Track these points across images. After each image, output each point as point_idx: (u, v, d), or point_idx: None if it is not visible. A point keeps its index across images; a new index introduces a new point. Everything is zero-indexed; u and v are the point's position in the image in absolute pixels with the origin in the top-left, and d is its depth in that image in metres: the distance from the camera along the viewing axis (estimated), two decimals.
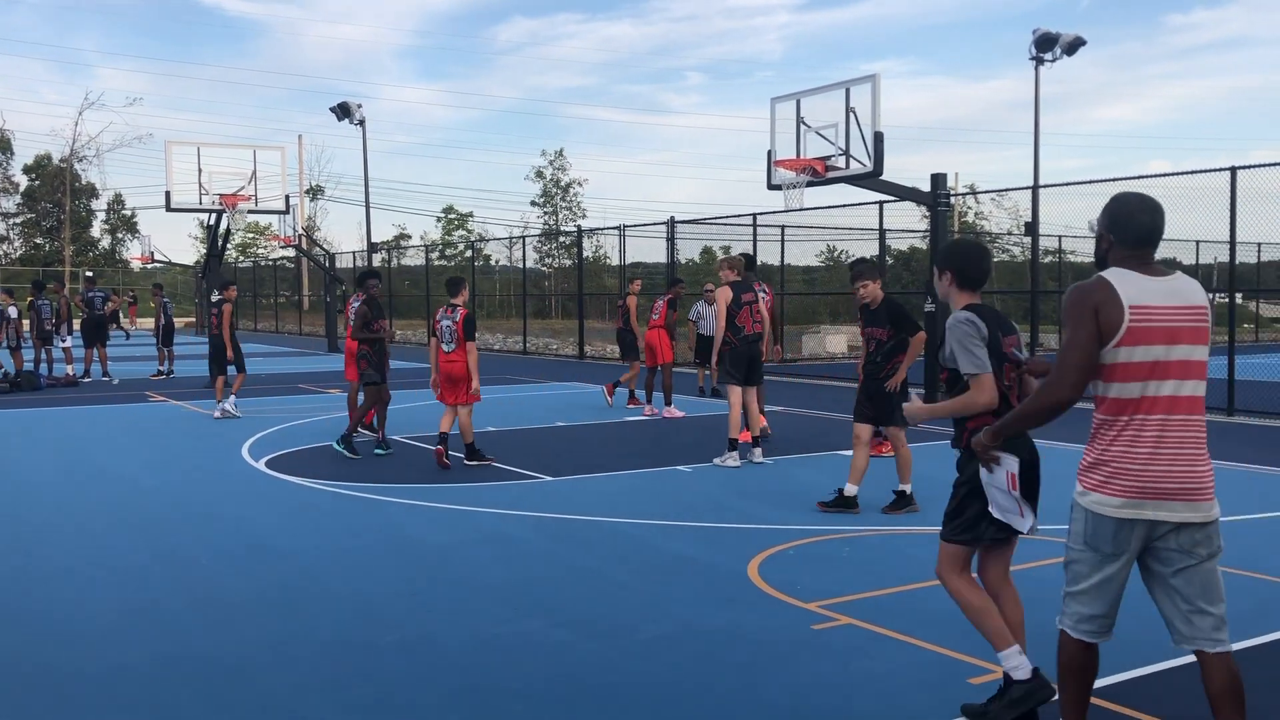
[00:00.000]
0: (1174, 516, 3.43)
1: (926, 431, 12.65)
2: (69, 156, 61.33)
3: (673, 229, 24.61)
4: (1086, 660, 3.66)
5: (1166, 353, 3.43)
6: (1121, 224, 3.52)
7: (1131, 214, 3.51)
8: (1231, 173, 14.11)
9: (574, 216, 63.51)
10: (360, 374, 11.51)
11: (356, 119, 30.03)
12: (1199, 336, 3.47)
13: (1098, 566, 3.55)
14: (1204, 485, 3.45)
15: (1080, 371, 3.48)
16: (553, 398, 17.42)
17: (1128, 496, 3.44)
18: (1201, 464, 3.46)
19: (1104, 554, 3.53)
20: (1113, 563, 3.53)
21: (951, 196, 15.22)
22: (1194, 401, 3.48)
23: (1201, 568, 3.48)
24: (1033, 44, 24.38)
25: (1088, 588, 3.58)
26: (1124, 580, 3.58)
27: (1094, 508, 3.53)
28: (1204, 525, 3.45)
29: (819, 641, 5.23)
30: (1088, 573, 3.58)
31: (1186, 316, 3.46)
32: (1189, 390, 3.46)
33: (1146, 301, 3.43)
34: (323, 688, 4.69)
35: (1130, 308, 3.41)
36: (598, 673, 4.85)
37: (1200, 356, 3.48)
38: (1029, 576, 6.39)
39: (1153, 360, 3.42)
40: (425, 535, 7.58)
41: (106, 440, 12.58)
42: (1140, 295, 3.43)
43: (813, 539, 7.36)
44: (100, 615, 5.78)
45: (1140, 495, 3.43)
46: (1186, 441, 3.44)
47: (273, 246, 52.39)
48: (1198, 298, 3.50)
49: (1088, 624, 3.62)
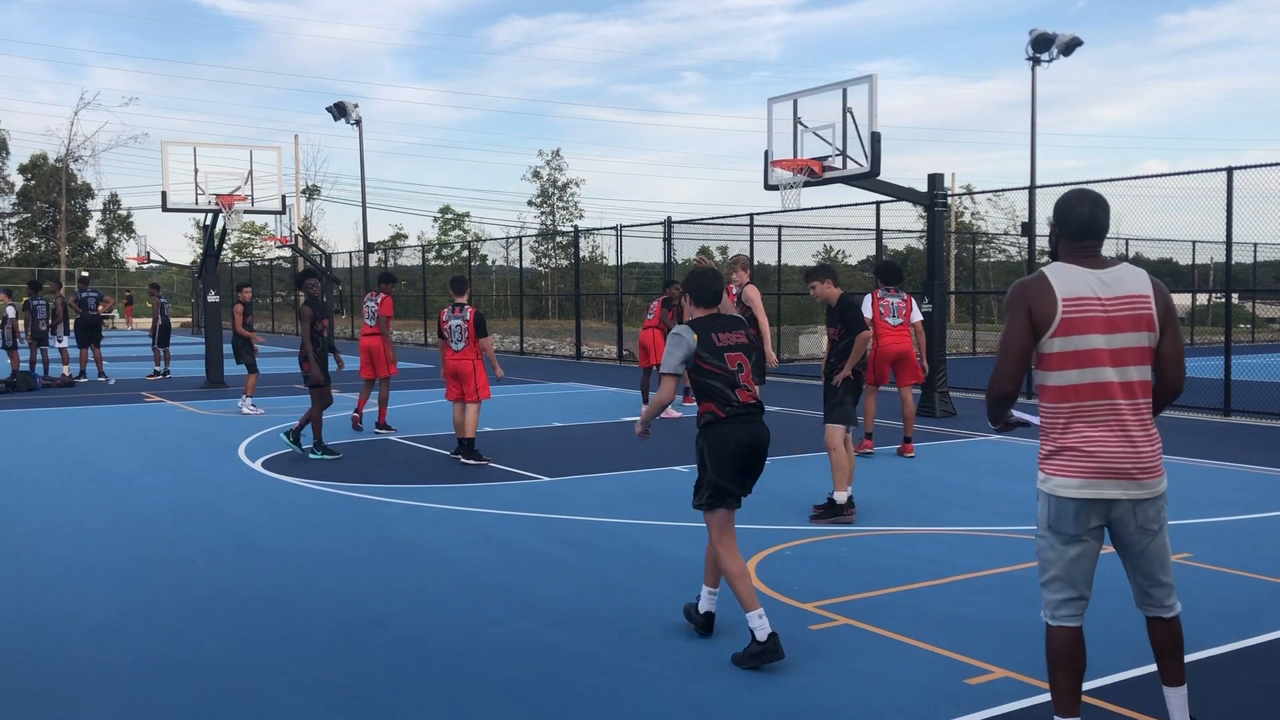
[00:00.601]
0: (1129, 494, 3.62)
1: (928, 432, 12.65)
2: (65, 156, 61.25)
3: (670, 229, 24.60)
4: (1072, 649, 3.72)
5: (1108, 341, 3.61)
6: (1063, 216, 3.72)
7: (1072, 206, 3.71)
8: (1228, 173, 14.12)
9: (571, 217, 63.51)
10: (304, 376, 11.17)
11: (353, 119, 30.00)
12: (1140, 324, 3.64)
13: (1063, 550, 3.69)
14: (1154, 463, 3.65)
15: (1014, 363, 3.69)
16: (549, 398, 17.41)
17: (1085, 477, 3.62)
18: (1150, 444, 3.65)
19: (1066, 535, 3.68)
20: (1076, 544, 3.68)
21: (948, 197, 15.21)
22: (1140, 386, 3.66)
23: (1157, 541, 3.71)
24: (1029, 44, 24.40)
25: (1057, 573, 3.71)
26: (1091, 561, 3.71)
27: (1055, 491, 3.67)
28: (1154, 500, 3.67)
29: (817, 642, 5.22)
30: (1054, 558, 3.72)
31: (1125, 305, 3.63)
32: (1134, 375, 3.65)
33: (1081, 293, 3.62)
34: (318, 687, 4.68)
35: (1064, 300, 3.61)
36: (593, 673, 4.84)
37: (1143, 343, 3.65)
38: (1027, 576, 6.39)
39: (1091, 348, 3.61)
40: (421, 536, 7.57)
41: (102, 440, 12.55)
42: (1074, 287, 3.63)
43: (810, 539, 7.35)
44: (95, 615, 5.76)
45: (1097, 475, 3.61)
46: (1133, 423, 3.63)
47: (269, 246, 52.32)
48: (1138, 286, 3.67)
49: (1063, 609, 3.72)
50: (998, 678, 4.68)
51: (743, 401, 5.08)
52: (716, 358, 5.06)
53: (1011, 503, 8.51)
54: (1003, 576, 6.36)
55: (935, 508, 8.41)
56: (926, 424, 13.50)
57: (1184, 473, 9.65)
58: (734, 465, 5.06)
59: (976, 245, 42.33)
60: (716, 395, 5.05)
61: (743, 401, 5.08)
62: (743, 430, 5.06)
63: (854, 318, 8.21)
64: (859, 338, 8.12)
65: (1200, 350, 24.96)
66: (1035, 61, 24.54)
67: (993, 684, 4.61)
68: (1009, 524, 7.74)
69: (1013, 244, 45.19)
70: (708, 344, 5.06)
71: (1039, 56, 24.50)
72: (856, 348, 8.12)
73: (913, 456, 10.85)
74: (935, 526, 7.76)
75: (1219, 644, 5.02)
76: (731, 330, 5.16)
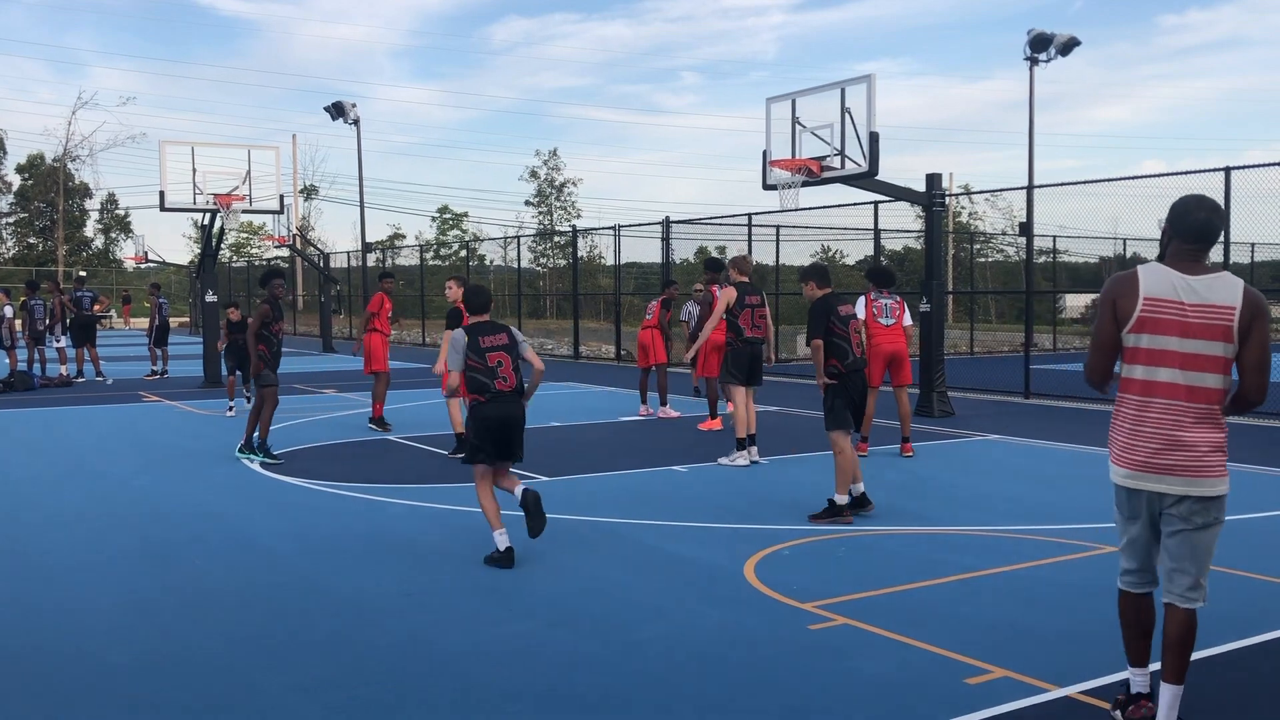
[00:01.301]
0: (1173, 490, 3.85)
1: (926, 432, 12.66)
2: (62, 156, 61.18)
3: (668, 229, 24.59)
4: (1137, 611, 4.09)
5: (1180, 344, 3.80)
6: (1179, 219, 3.89)
7: (1189, 210, 3.88)
8: (1226, 173, 14.13)
9: (569, 216, 63.51)
10: (257, 376, 10.94)
11: (351, 118, 30.01)
12: (1216, 333, 3.79)
13: (1125, 527, 4.05)
14: (1204, 465, 3.82)
15: (1103, 355, 3.96)
16: (548, 398, 17.40)
17: (1131, 469, 3.91)
18: (1203, 445, 3.82)
19: (1124, 516, 4.04)
20: (1132, 524, 4.01)
21: (946, 197, 15.22)
22: (1208, 392, 3.82)
23: (1193, 534, 3.88)
24: (1027, 44, 24.44)
25: (1123, 545, 4.10)
26: (1147, 541, 4.01)
27: (1111, 476, 4.03)
28: (1203, 500, 3.85)
29: (815, 642, 5.21)
30: (1121, 532, 4.10)
31: (1207, 313, 3.79)
32: (1201, 381, 3.81)
33: (1164, 295, 3.81)
34: (317, 687, 4.67)
35: (1145, 298, 3.82)
36: (593, 673, 4.83)
37: (1217, 352, 3.80)
38: (1026, 576, 6.39)
39: (1161, 349, 3.81)
40: (421, 535, 7.56)
41: (100, 440, 12.54)
42: (1160, 288, 3.82)
43: (809, 539, 7.34)
44: (93, 614, 5.75)
45: (1141, 469, 3.88)
46: (1192, 426, 3.82)
47: (267, 246, 52.29)
48: (1227, 297, 3.80)
49: (1125, 577, 4.12)
50: (997, 677, 4.68)
51: (498, 389, 6.64)
52: (480, 357, 6.63)
53: (1010, 502, 8.51)
54: (1002, 576, 6.35)
55: (934, 507, 8.41)
56: (925, 424, 13.50)
57: None
58: (490, 435, 6.65)
59: (974, 245, 42.34)
60: (481, 386, 6.63)
61: (498, 389, 6.64)
62: (498, 410, 6.65)
63: (811, 323, 8.10)
64: (811, 346, 8.08)
65: None
66: (1033, 61, 24.57)
67: (992, 684, 4.61)
68: (1008, 524, 7.74)
69: (1010, 244, 45.21)
70: (475, 346, 6.66)
71: (1037, 56, 24.54)
72: (812, 356, 8.10)
73: (911, 456, 10.85)
74: (934, 526, 7.76)
75: (1218, 644, 5.01)
76: (494, 334, 6.73)
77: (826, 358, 8.06)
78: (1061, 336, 33.55)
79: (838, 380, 8.04)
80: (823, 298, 8.22)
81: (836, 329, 8.09)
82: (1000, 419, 14.08)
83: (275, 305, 11.00)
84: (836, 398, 8.05)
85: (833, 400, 8.06)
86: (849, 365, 8.07)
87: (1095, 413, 14.68)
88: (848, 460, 7.94)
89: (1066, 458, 10.92)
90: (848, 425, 8.05)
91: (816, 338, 8.07)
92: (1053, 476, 9.77)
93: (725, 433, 12.61)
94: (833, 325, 8.09)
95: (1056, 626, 5.41)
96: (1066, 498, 8.65)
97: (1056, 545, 7.09)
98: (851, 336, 8.14)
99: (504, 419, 6.64)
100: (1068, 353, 30.25)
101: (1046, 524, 7.74)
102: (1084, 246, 34.52)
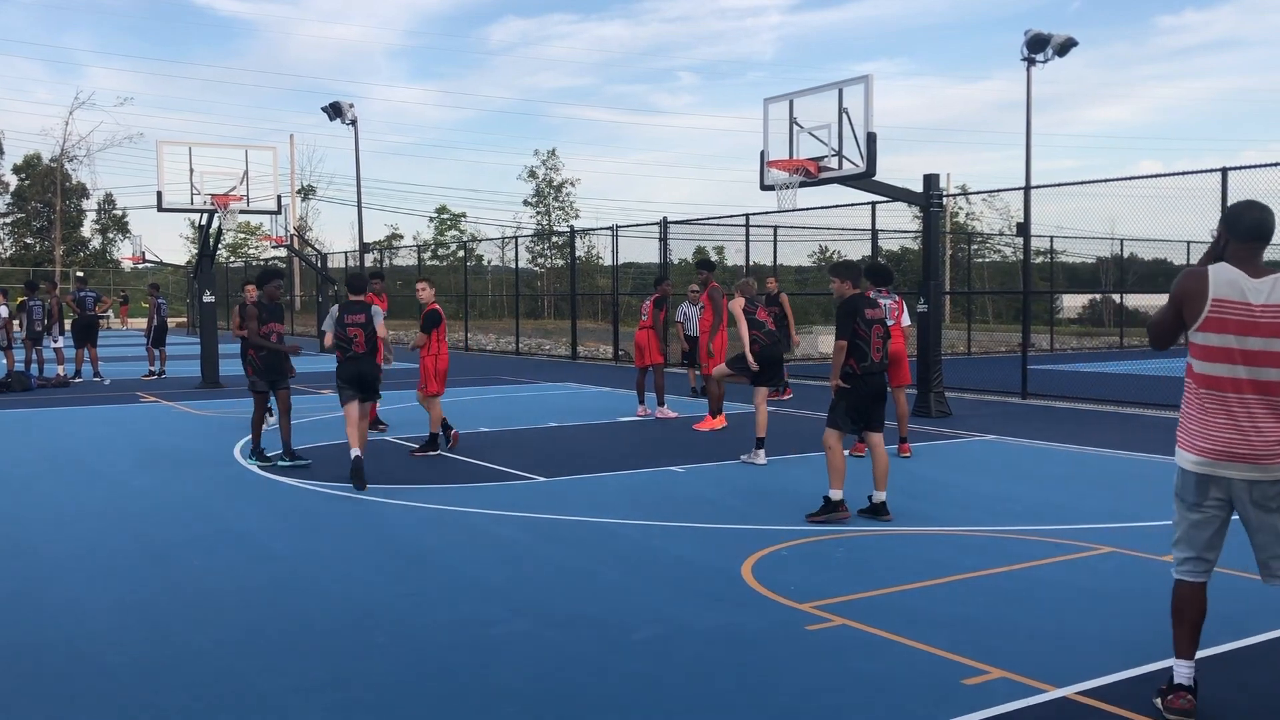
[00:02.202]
0: (1244, 475, 4.08)
1: (923, 432, 12.66)
2: (59, 156, 61.11)
3: (665, 229, 24.59)
4: (1189, 601, 4.22)
5: (1240, 342, 4.04)
6: (1235, 220, 4.13)
7: (1243, 212, 4.14)
8: (1223, 173, 14.15)
9: (566, 216, 63.45)
10: (248, 381, 10.85)
11: (348, 119, 30.00)
12: (1277, 331, 4.03)
13: (1186, 515, 4.21)
14: (1273, 451, 4.05)
15: (1159, 339, 4.27)
16: (545, 398, 17.40)
17: (1203, 456, 4.12)
18: (1271, 434, 4.05)
19: (1188, 503, 4.20)
20: (1196, 512, 4.18)
21: (944, 197, 15.23)
22: (1269, 385, 4.06)
23: (1274, 518, 4.11)
24: (1025, 45, 24.44)
25: (1181, 535, 4.24)
26: (1213, 530, 4.18)
27: (1180, 463, 4.21)
28: (1275, 482, 4.09)
29: (813, 642, 5.22)
30: (1179, 520, 4.25)
31: (1268, 313, 4.03)
32: (1262, 375, 4.05)
33: (1231, 296, 4.04)
34: (314, 688, 4.67)
35: (1213, 299, 4.05)
36: (590, 673, 4.84)
37: (1276, 348, 4.03)
38: (1023, 576, 6.39)
39: (1228, 347, 4.05)
40: (416, 536, 7.56)
41: (97, 441, 12.52)
42: (1228, 290, 4.04)
43: (807, 539, 7.35)
44: (91, 615, 5.75)
45: (1213, 456, 4.10)
46: (1261, 416, 4.06)
47: (264, 247, 52.28)
48: None
49: (1184, 565, 4.25)
50: (994, 678, 4.68)
51: (354, 351, 9.37)
52: (342, 327, 9.40)
53: (1008, 503, 8.51)
54: (999, 576, 6.36)
55: (931, 508, 8.41)
56: (922, 424, 13.51)
57: None
58: (349, 382, 9.40)
59: (972, 245, 42.37)
60: (341, 348, 9.41)
61: (354, 351, 9.37)
62: (353, 366, 9.41)
63: (840, 324, 7.99)
64: (835, 346, 8.01)
65: None
66: (1031, 62, 24.58)
67: (989, 684, 4.61)
68: (1005, 524, 7.74)
69: (1008, 244, 45.22)
70: (340, 320, 9.42)
71: (1034, 57, 24.55)
72: (833, 356, 8.03)
73: (908, 456, 10.85)
74: (931, 527, 7.76)
75: (1217, 644, 5.02)
76: (356, 314, 9.42)
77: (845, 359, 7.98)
78: (1059, 337, 33.58)
79: (850, 383, 7.95)
80: (851, 298, 8.09)
81: (860, 331, 7.94)
82: (997, 419, 14.09)
83: (271, 308, 10.75)
84: (843, 400, 8.01)
85: (836, 401, 8.04)
86: (865, 369, 7.93)
87: (1092, 413, 14.70)
88: (837, 457, 7.92)
89: (1063, 458, 10.92)
90: (844, 429, 8.01)
91: (843, 338, 7.93)
92: (1050, 477, 9.77)
93: (723, 432, 12.62)
94: (857, 327, 7.95)
95: (1054, 627, 5.41)
96: (1064, 498, 8.66)
97: (1053, 546, 7.10)
98: (873, 340, 7.98)
99: (357, 372, 9.38)
100: (1065, 353, 30.27)
101: (1043, 524, 7.74)
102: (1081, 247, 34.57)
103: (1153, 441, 11.74)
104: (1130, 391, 16.01)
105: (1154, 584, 6.15)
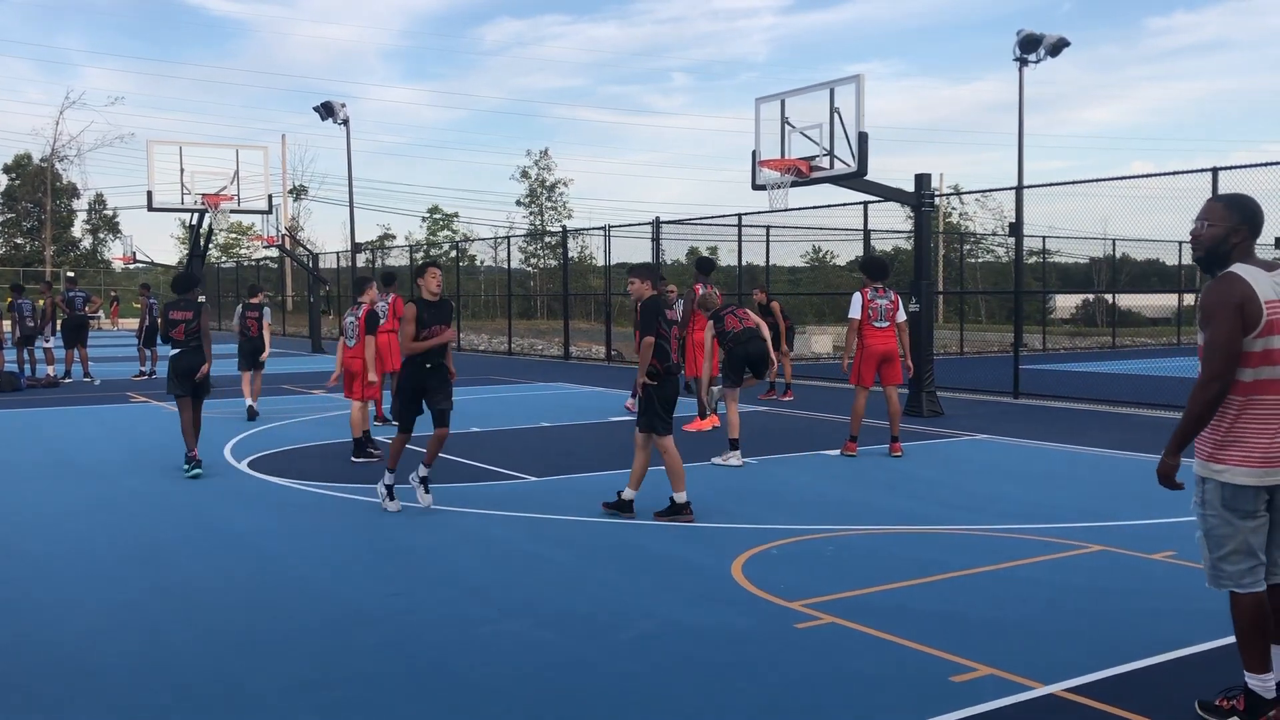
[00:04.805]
0: None
1: (915, 432, 12.68)
2: (50, 156, 60.91)
3: (658, 229, 24.61)
4: (1264, 609, 4.00)
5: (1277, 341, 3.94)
6: (1255, 216, 4.01)
7: (1258, 209, 4.03)
8: (1213, 174, 14.19)
9: (559, 217, 63.45)
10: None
11: (340, 119, 29.91)
12: None
13: (1241, 525, 4.00)
14: None
15: (1232, 360, 3.91)
16: (538, 398, 17.39)
17: (1262, 466, 3.94)
18: None
19: (1244, 512, 3.99)
20: (1251, 519, 4.00)
21: (936, 197, 15.25)
22: None
23: None
24: (1017, 45, 24.48)
25: (1235, 547, 4.00)
26: (1266, 530, 4.02)
27: (1235, 480, 3.97)
28: None
29: (802, 640, 5.22)
30: (1231, 534, 4.01)
31: None
32: None
33: (1270, 296, 3.93)
34: (305, 688, 4.66)
35: (1266, 303, 3.92)
36: (581, 672, 4.84)
37: None
38: (1013, 575, 6.41)
39: (1274, 348, 3.93)
40: (408, 536, 7.55)
41: (88, 441, 12.49)
42: (1270, 291, 3.93)
43: (796, 539, 7.35)
44: (80, 616, 5.73)
45: (1267, 464, 3.94)
46: None
47: (256, 247, 52.11)
48: None
49: (1249, 576, 4.01)
50: (982, 675, 4.69)
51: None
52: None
53: (998, 502, 8.53)
54: (988, 575, 6.37)
55: (921, 507, 8.42)
56: (914, 423, 13.53)
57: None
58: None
59: (964, 246, 42.45)
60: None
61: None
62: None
63: (644, 321, 7.96)
64: (642, 344, 7.95)
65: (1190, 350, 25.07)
66: (1022, 63, 24.62)
67: (977, 682, 4.62)
68: (995, 523, 7.76)
69: (1000, 244, 45.31)
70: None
71: (1026, 58, 24.58)
72: (640, 354, 7.98)
73: (900, 456, 10.87)
74: (922, 525, 7.77)
75: (1209, 640, 5.03)
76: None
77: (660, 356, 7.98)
78: (1051, 337, 33.67)
79: (655, 380, 7.95)
80: (651, 298, 8.10)
81: (661, 330, 7.99)
82: (989, 419, 14.12)
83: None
84: (653, 399, 7.97)
85: (650, 402, 7.97)
86: (667, 368, 7.98)
87: (1083, 413, 14.73)
88: (644, 462, 7.99)
89: (1055, 457, 10.95)
90: (657, 430, 7.97)
91: (649, 334, 7.94)
92: (1041, 476, 9.79)
93: (713, 433, 12.62)
94: (659, 326, 7.99)
95: (1042, 625, 5.43)
96: (1055, 497, 8.68)
97: (1044, 544, 7.12)
98: (672, 341, 8.09)
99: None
100: (1057, 353, 30.34)
101: (1034, 523, 7.76)
102: (1073, 247, 34.69)
103: (1144, 441, 11.78)
104: (1122, 391, 16.06)
105: (1143, 582, 6.18)
